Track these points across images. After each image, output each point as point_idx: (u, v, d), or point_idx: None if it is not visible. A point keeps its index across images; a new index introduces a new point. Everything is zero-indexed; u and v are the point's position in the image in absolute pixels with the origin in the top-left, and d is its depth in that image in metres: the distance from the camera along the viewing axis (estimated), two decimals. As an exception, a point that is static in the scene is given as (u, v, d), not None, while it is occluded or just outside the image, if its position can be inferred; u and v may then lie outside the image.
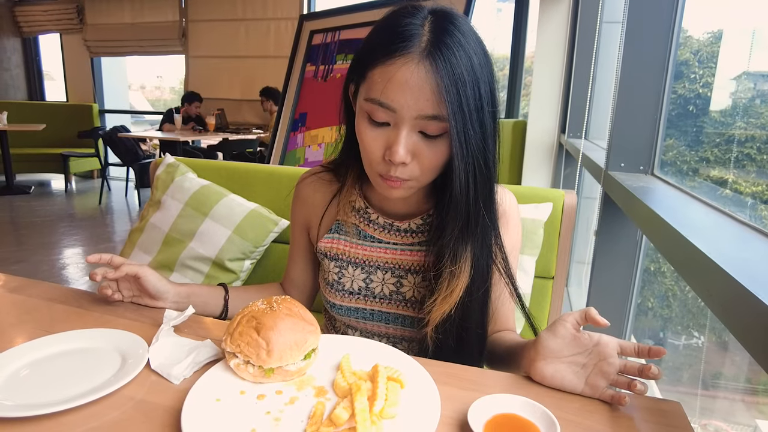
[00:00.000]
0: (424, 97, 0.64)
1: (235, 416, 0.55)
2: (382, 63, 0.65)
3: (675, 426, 0.59)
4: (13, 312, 0.82)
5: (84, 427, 0.55)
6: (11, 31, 7.01)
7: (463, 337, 0.77)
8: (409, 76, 0.63)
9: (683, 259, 0.76)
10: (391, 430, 0.53)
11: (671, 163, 1.61)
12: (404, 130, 0.66)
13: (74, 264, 3.54)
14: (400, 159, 0.66)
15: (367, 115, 0.69)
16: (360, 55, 0.71)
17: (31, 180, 6.50)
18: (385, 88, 0.65)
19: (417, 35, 0.64)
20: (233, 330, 0.62)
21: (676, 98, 1.62)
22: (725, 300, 0.59)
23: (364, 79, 0.69)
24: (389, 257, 0.84)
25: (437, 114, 0.65)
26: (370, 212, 0.86)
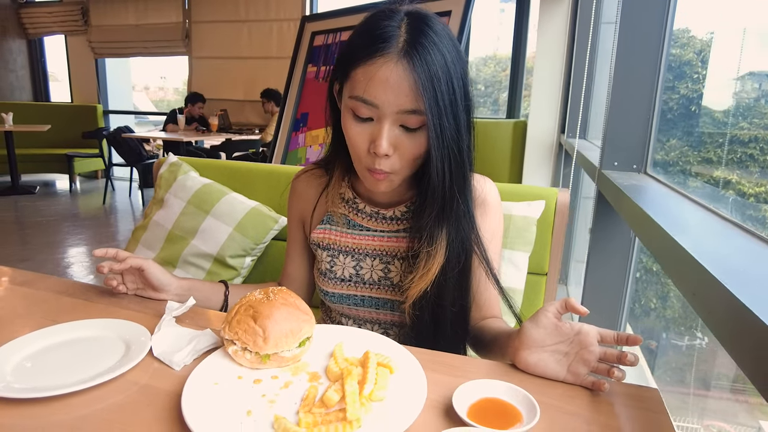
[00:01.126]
0: (403, 93, 0.70)
1: (232, 399, 0.58)
2: (364, 63, 0.71)
3: (652, 411, 0.62)
4: (22, 304, 0.85)
5: (90, 408, 0.58)
6: (17, 32, 7.07)
7: (438, 314, 0.82)
8: (389, 75, 0.69)
9: (667, 256, 0.78)
10: (379, 411, 0.56)
11: (673, 163, 1.62)
12: (386, 124, 0.72)
13: (78, 263, 3.58)
14: (384, 151, 0.72)
15: (351, 112, 0.74)
16: (342, 56, 0.76)
17: (36, 180, 6.55)
18: (367, 86, 0.70)
19: (394, 36, 0.70)
20: (231, 318, 0.65)
21: (678, 98, 1.64)
22: (706, 298, 0.61)
23: (347, 78, 0.74)
24: (377, 244, 0.89)
25: (416, 108, 0.70)
26: (358, 202, 0.91)
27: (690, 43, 1.67)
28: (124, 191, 6.15)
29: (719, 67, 1.22)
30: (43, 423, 0.55)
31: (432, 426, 0.56)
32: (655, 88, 1.38)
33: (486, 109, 5.49)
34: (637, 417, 0.61)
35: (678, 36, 1.65)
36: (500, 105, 4.90)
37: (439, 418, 0.58)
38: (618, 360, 0.64)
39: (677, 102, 1.66)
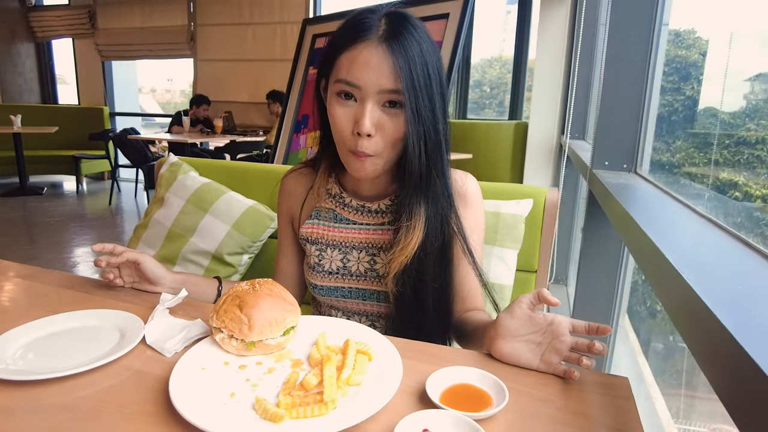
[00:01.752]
0: (384, 73, 0.75)
1: (217, 382, 0.61)
2: (347, 49, 0.77)
3: (620, 397, 0.65)
4: (24, 296, 0.90)
5: (86, 391, 0.61)
6: (25, 36, 7.18)
7: (420, 289, 0.86)
8: (370, 57, 0.76)
9: (642, 254, 0.80)
10: (355, 394, 0.60)
11: (678, 164, 1.62)
12: (369, 104, 0.77)
13: (84, 262, 3.64)
14: (367, 130, 0.77)
15: (336, 96, 0.80)
16: (326, 51, 0.82)
17: (44, 181, 6.65)
18: (350, 69, 0.77)
19: (375, 26, 0.77)
20: (219, 307, 0.69)
21: (683, 100, 1.65)
22: (676, 302, 0.61)
23: (332, 68, 0.80)
24: (363, 237, 0.93)
25: (395, 88, 0.76)
26: (344, 196, 0.95)
27: (696, 45, 1.68)
28: (130, 192, 6.23)
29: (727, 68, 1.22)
30: (41, 404, 0.59)
31: (406, 410, 0.59)
32: (644, 88, 1.41)
33: (492, 111, 5.51)
34: (606, 403, 0.63)
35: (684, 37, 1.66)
36: (505, 107, 4.92)
37: (413, 402, 0.61)
38: (588, 350, 0.67)
39: (682, 103, 1.67)
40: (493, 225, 1.23)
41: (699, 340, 0.52)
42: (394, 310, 0.89)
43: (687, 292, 0.54)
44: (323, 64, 0.83)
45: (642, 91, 1.40)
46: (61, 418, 0.56)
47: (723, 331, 0.44)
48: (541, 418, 0.59)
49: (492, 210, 1.24)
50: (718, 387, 0.46)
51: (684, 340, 0.58)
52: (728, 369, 0.44)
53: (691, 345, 0.55)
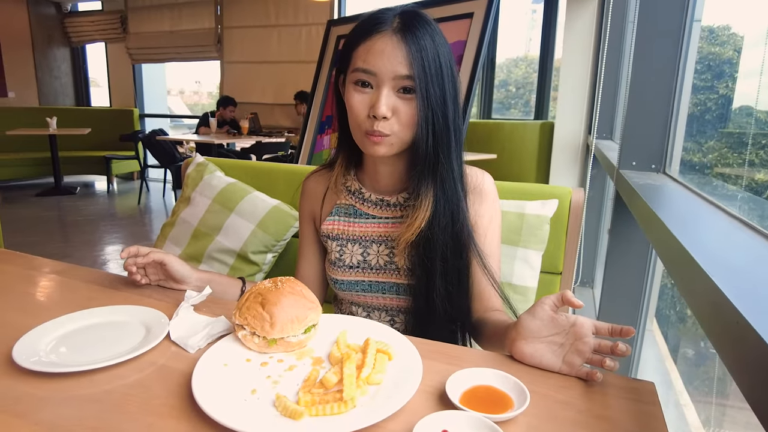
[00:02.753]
0: (397, 60, 0.80)
1: (239, 378, 0.62)
2: (363, 41, 0.82)
3: (645, 402, 0.63)
4: (57, 291, 0.93)
5: (112, 384, 0.63)
6: (61, 41, 7.42)
7: (428, 267, 0.87)
8: (384, 46, 0.80)
9: (671, 257, 0.78)
10: (374, 393, 0.60)
11: (711, 165, 1.57)
12: (384, 89, 0.81)
13: (114, 260, 3.74)
14: (382, 113, 0.81)
15: (353, 85, 0.84)
16: (344, 49, 0.87)
17: (77, 181, 6.86)
18: (366, 57, 0.81)
19: (389, 20, 0.82)
20: (242, 305, 0.70)
21: (717, 98, 1.60)
22: (705, 306, 0.59)
23: (349, 62, 0.85)
24: (382, 231, 0.95)
25: (409, 74, 0.80)
26: (363, 191, 0.98)
27: (730, 41, 1.62)
28: (158, 192, 6.37)
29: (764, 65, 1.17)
30: (71, 395, 0.61)
31: (425, 410, 0.59)
32: (674, 86, 1.37)
33: (517, 111, 5.45)
34: (629, 408, 0.62)
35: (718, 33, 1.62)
36: (531, 106, 4.86)
37: (432, 403, 0.61)
38: (611, 351, 0.65)
39: (716, 102, 1.62)
40: (517, 226, 1.22)
41: (730, 347, 0.50)
42: (407, 289, 0.91)
43: (717, 296, 0.53)
44: (341, 62, 0.88)
45: (671, 90, 1.37)
46: (90, 409, 0.58)
47: (757, 338, 0.42)
48: (562, 421, 0.58)
49: (516, 210, 1.23)
50: (750, 396, 0.45)
51: (714, 347, 0.56)
52: (762, 378, 0.42)
53: (721, 352, 0.53)
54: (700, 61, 1.52)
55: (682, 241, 0.71)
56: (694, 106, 1.53)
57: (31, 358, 0.65)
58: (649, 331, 1.92)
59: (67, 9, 7.45)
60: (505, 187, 1.30)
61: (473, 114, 5.10)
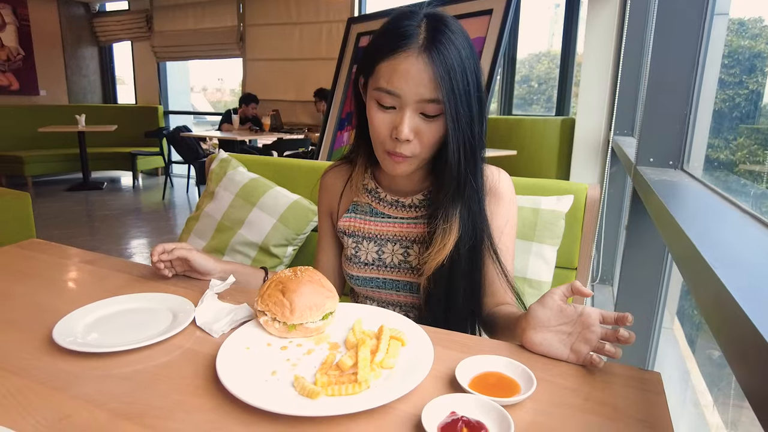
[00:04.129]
0: (423, 83, 0.77)
1: (260, 361, 0.66)
2: (387, 58, 0.79)
3: (651, 391, 0.65)
4: (88, 279, 0.99)
5: (143, 364, 0.68)
6: (89, 41, 7.63)
7: (451, 286, 0.89)
8: (410, 67, 0.77)
9: (682, 255, 0.77)
10: (387, 376, 0.63)
11: (738, 162, 1.53)
12: (407, 112, 0.80)
13: (139, 253, 3.85)
14: (405, 136, 0.80)
15: (376, 102, 0.83)
16: (368, 53, 0.85)
17: (104, 177, 7.04)
18: (390, 78, 0.79)
19: (415, 34, 0.78)
20: (263, 292, 0.74)
21: (746, 94, 1.57)
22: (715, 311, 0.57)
23: (372, 72, 0.83)
24: (397, 230, 0.97)
25: (434, 98, 0.78)
26: (380, 191, 0.99)
27: (762, 34, 1.59)
28: (182, 187, 6.51)
29: None
30: (105, 374, 0.65)
31: (435, 393, 0.61)
32: (693, 81, 1.36)
33: (539, 107, 5.41)
34: (634, 396, 0.64)
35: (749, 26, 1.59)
36: (553, 102, 4.82)
37: (442, 387, 0.63)
38: (616, 339, 0.67)
39: (745, 98, 1.59)
40: (532, 221, 1.23)
41: (730, 340, 0.51)
42: (423, 304, 0.92)
43: (720, 291, 0.52)
44: (363, 64, 0.86)
45: (690, 85, 1.36)
46: (122, 387, 0.62)
47: (756, 334, 0.42)
48: (568, 406, 0.61)
49: (531, 206, 1.24)
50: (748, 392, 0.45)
51: (718, 342, 0.56)
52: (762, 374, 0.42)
53: (722, 346, 0.53)
54: (729, 56, 1.50)
55: (690, 236, 0.72)
56: (721, 102, 1.51)
57: (68, 338, 0.70)
58: (668, 329, 1.91)
59: (95, 9, 7.65)
60: (521, 183, 1.31)
61: (493, 110, 5.08)
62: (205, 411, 0.58)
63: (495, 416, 0.55)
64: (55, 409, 0.57)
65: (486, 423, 0.54)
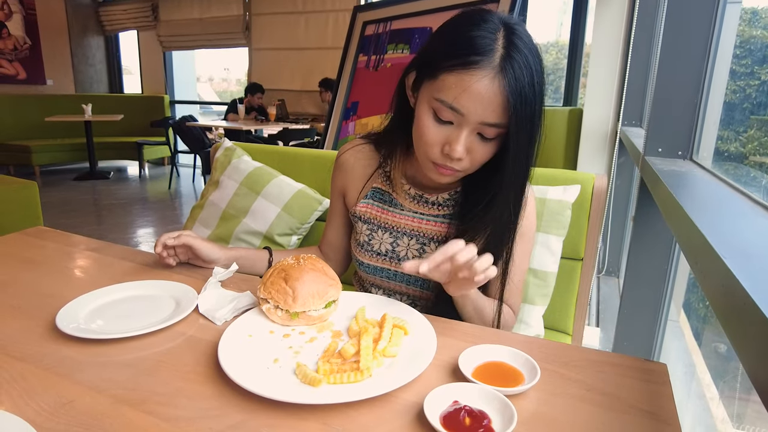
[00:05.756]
0: (492, 108, 0.72)
1: (262, 348, 0.66)
2: (459, 71, 0.72)
3: (656, 382, 0.64)
4: (93, 266, 0.99)
5: (146, 351, 0.68)
6: (96, 30, 7.62)
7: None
8: (483, 89, 0.71)
9: (691, 246, 0.76)
10: (389, 364, 0.62)
11: (749, 154, 1.51)
12: (466, 131, 0.75)
13: (145, 242, 3.86)
14: (459, 155, 0.76)
15: (432, 112, 0.77)
16: (432, 53, 0.77)
17: (111, 166, 7.07)
18: (459, 96, 0.73)
19: (492, 50, 0.71)
20: (266, 280, 0.74)
21: (758, 85, 1.55)
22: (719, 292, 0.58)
23: (434, 78, 0.75)
24: (416, 225, 0.93)
25: (499, 122, 0.74)
26: (403, 183, 0.95)
27: None
28: (188, 177, 6.52)
29: None
30: (108, 360, 0.65)
31: (438, 382, 0.61)
32: (704, 71, 1.34)
33: (547, 98, 5.33)
34: (638, 387, 0.63)
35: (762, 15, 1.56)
36: (561, 93, 4.77)
37: (445, 376, 0.63)
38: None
39: (757, 89, 1.57)
40: (539, 211, 1.22)
41: (746, 339, 0.50)
42: (433, 285, 0.91)
43: (738, 292, 0.50)
44: (424, 64, 0.79)
45: (701, 74, 1.34)
46: (125, 373, 0.62)
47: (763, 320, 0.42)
48: (570, 397, 0.60)
49: (538, 196, 1.23)
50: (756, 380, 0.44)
51: (725, 331, 0.56)
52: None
53: (729, 333, 0.53)
54: (740, 46, 1.47)
55: (699, 225, 0.71)
56: (732, 93, 1.49)
57: (72, 324, 0.70)
58: (674, 322, 1.90)
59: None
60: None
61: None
62: (207, 398, 0.58)
63: (498, 406, 0.55)
64: (58, 395, 0.57)
65: (489, 412, 0.54)
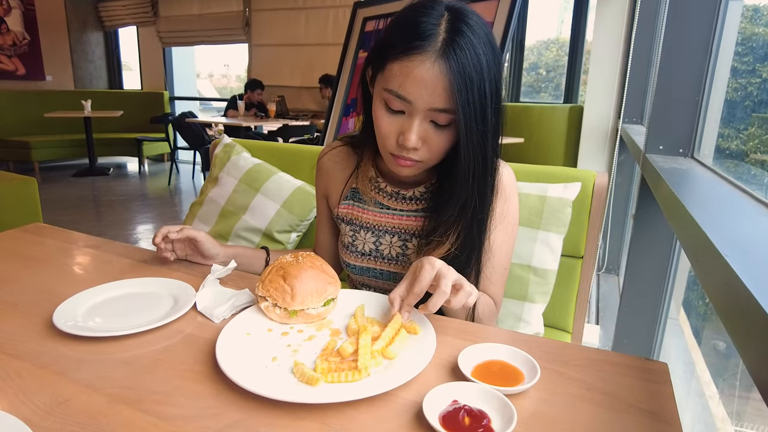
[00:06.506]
0: (437, 92, 0.72)
1: (260, 347, 0.66)
2: (401, 59, 0.72)
3: (656, 382, 0.64)
4: (91, 263, 0.98)
5: (143, 349, 0.67)
6: (95, 26, 7.59)
7: None
8: (425, 74, 0.71)
9: (692, 244, 0.76)
10: (387, 364, 0.62)
11: (750, 152, 1.51)
12: (417, 119, 0.75)
13: (145, 239, 3.86)
14: (412, 144, 0.76)
15: (384, 103, 0.77)
16: (380, 46, 0.78)
17: (110, 162, 7.06)
18: (403, 82, 0.72)
19: (433, 35, 0.71)
20: (264, 278, 0.73)
21: (759, 82, 1.54)
22: (720, 289, 0.58)
23: (382, 69, 0.76)
24: (396, 222, 0.94)
25: (447, 107, 0.73)
26: (380, 182, 0.96)
27: None
28: (188, 173, 6.51)
29: None
30: (105, 358, 0.65)
31: (437, 381, 0.61)
32: (706, 68, 1.34)
33: (547, 95, 5.35)
34: (639, 386, 0.63)
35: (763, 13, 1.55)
36: (562, 90, 4.77)
37: (444, 375, 0.63)
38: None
39: (758, 86, 1.56)
40: (539, 208, 1.22)
41: (739, 326, 0.50)
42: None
43: (739, 289, 0.50)
44: (373, 57, 0.80)
45: (703, 72, 1.33)
46: (122, 371, 0.62)
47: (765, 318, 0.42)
48: (570, 396, 0.60)
49: (538, 193, 1.22)
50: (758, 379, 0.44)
51: (727, 330, 0.55)
52: None
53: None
54: (742, 43, 1.47)
55: (700, 222, 0.71)
56: (733, 91, 1.48)
57: (69, 322, 0.70)
58: (674, 320, 1.90)
59: (101, -7, 7.61)
60: (527, 170, 1.29)
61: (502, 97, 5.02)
62: (205, 396, 0.57)
63: (497, 405, 0.54)
64: (54, 393, 0.57)
65: (488, 412, 0.53)
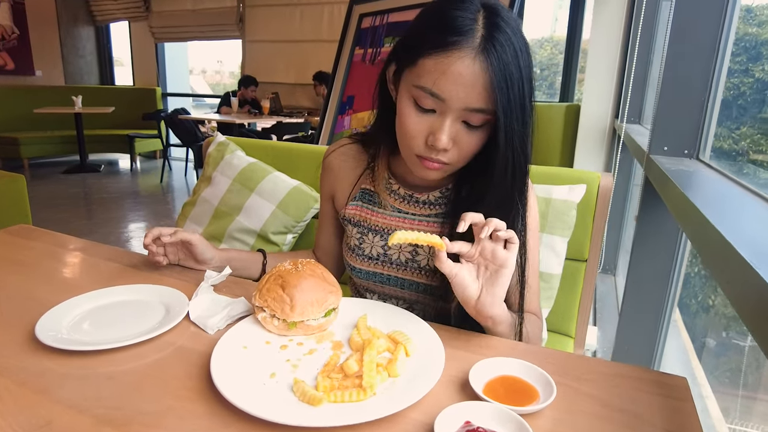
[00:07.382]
0: (476, 91, 0.68)
1: (258, 361, 0.62)
2: (437, 54, 0.68)
3: (676, 398, 0.61)
4: (80, 268, 0.94)
5: (131, 364, 0.63)
6: (86, 20, 7.47)
7: None
8: (464, 71, 0.67)
9: (707, 246, 0.74)
10: (394, 382, 0.58)
11: (743, 152, 1.50)
12: (449, 119, 0.71)
13: (136, 237, 3.80)
14: (443, 145, 0.71)
15: (413, 101, 0.72)
16: (410, 40, 0.73)
17: (102, 159, 6.96)
18: (438, 79, 0.68)
19: (471, 30, 0.67)
20: (262, 287, 0.69)
21: (752, 82, 1.52)
22: (746, 297, 0.55)
23: (413, 64, 0.71)
24: (407, 227, 0.88)
25: (485, 107, 0.69)
26: (392, 183, 0.91)
27: None
28: (180, 171, 6.43)
29: None
30: (90, 373, 0.61)
31: (447, 400, 0.57)
32: (712, 68, 1.31)
33: (541, 93, 5.33)
34: (658, 403, 0.59)
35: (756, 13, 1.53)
36: (556, 89, 4.75)
37: (455, 392, 0.59)
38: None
39: (750, 86, 1.55)
40: (543, 211, 1.18)
41: None
42: (428, 289, 0.86)
43: (760, 285, 0.49)
44: (402, 52, 0.75)
45: (709, 71, 1.30)
46: (109, 388, 0.58)
47: None
48: (586, 414, 0.56)
49: (543, 195, 1.19)
50: None
51: (755, 338, 0.53)
52: None
53: (763, 343, 0.50)
54: (736, 43, 1.45)
55: (719, 227, 0.68)
56: (727, 91, 1.46)
57: (53, 334, 0.65)
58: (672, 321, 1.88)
59: (91, -13, 7.49)
60: (531, 171, 1.26)
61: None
62: (198, 416, 0.53)
63: (513, 427, 0.51)
64: (35, 415, 0.53)
65: (503, 435, 0.50)
